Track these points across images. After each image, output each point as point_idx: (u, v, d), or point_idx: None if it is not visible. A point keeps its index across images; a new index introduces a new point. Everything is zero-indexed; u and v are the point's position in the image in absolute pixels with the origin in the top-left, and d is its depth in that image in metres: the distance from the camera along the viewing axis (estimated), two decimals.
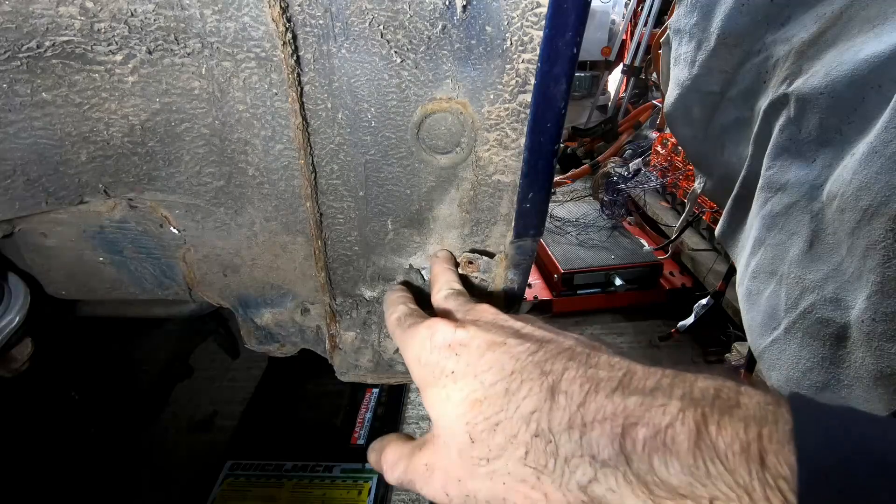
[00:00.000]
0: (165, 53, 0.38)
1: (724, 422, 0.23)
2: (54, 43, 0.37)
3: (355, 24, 0.36)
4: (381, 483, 1.29)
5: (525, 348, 0.31)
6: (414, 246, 0.50)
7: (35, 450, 1.00)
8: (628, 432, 0.24)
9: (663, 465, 0.23)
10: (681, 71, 0.96)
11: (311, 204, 0.45)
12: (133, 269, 0.55)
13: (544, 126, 0.40)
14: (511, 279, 0.50)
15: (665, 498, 0.23)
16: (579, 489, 0.25)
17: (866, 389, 0.60)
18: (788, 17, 0.75)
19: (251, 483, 1.29)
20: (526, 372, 0.29)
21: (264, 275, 0.53)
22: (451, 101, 0.40)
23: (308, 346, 0.59)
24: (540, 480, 0.26)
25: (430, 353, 0.34)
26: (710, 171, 1.05)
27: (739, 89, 0.87)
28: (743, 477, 0.21)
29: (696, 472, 0.22)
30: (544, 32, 0.36)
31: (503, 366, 0.30)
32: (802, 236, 0.70)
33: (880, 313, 0.57)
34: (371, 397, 1.54)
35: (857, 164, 0.59)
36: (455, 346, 0.33)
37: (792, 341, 0.70)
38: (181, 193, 0.47)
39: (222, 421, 1.58)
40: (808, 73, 0.70)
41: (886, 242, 0.55)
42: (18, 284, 0.56)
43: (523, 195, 0.44)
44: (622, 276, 2.11)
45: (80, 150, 0.42)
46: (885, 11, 0.62)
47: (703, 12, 0.88)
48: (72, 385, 1.02)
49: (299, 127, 0.40)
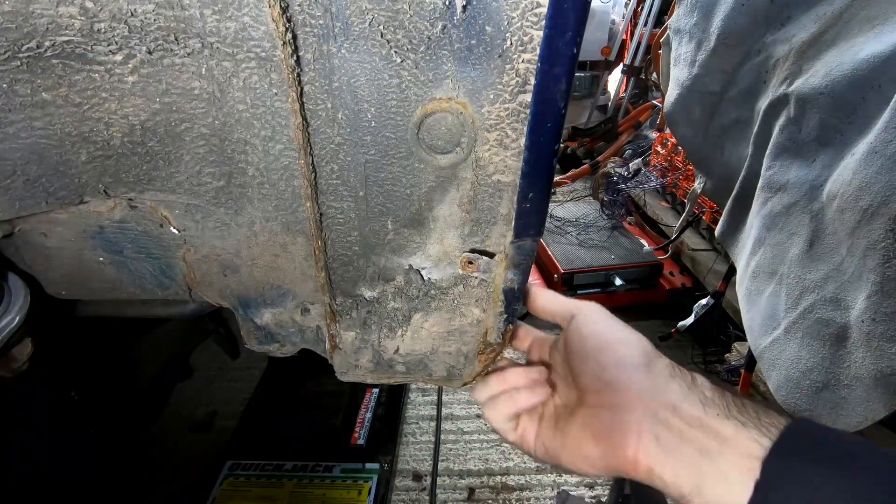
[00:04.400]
0: (165, 53, 0.38)
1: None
2: (54, 43, 0.37)
3: (355, 24, 0.36)
4: (380, 483, 1.29)
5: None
6: (414, 246, 0.50)
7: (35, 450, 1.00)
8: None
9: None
10: (681, 71, 0.96)
11: (311, 204, 0.45)
12: (133, 269, 0.55)
13: (544, 126, 0.40)
14: (511, 279, 0.50)
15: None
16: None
17: (866, 389, 0.60)
18: (788, 17, 0.75)
19: (251, 483, 1.29)
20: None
21: (264, 275, 0.53)
22: (451, 101, 0.40)
23: (308, 346, 0.59)
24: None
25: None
26: (710, 171, 1.05)
27: (739, 89, 0.87)
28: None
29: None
30: (544, 32, 0.36)
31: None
32: (802, 236, 0.70)
33: (880, 313, 0.57)
34: (371, 397, 1.54)
35: (857, 164, 0.59)
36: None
37: (792, 341, 0.70)
38: (181, 193, 0.47)
39: (222, 421, 1.59)
40: (808, 73, 0.70)
41: (886, 242, 0.55)
42: (18, 284, 0.56)
43: (523, 195, 0.44)
44: (622, 276, 2.11)
45: (80, 150, 0.42)
46: (885, 11, 0.62)
47: (703, 12, 0.88)
48: (72, 385, 1.02)
49: (299, 127, 0.40)
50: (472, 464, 1.50)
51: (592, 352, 0.44)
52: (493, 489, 1.43)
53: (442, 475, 1.47)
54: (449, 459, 1.51)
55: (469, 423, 1.63)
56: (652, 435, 0.37)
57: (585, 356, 0.44)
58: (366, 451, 1.38)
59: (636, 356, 0.41)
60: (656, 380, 0.40)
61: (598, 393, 0.42)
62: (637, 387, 0.40)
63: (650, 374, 0.40)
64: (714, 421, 0.36)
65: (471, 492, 1.42)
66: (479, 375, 0.56)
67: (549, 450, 0.45)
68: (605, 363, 0.42)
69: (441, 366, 0.56)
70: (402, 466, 1.49)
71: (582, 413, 0.43)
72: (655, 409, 0.38)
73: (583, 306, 0.47)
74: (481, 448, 1.55)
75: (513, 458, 1.52)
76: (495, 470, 1.48)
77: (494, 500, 1.40)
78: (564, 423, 0.45)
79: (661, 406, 0.38)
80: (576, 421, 0.44)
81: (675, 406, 0.38)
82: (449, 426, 1.62)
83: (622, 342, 0.43)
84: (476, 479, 1.46)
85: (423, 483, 1.45)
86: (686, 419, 0.37)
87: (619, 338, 0.43)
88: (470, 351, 0.55)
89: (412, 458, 1.51)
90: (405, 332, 0.54)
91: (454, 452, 1.54)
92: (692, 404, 0.38)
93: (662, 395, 0.39)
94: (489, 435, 1.59)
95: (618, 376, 0.41)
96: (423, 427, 1.62)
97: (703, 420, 0.36)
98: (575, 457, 0.43)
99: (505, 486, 1.44)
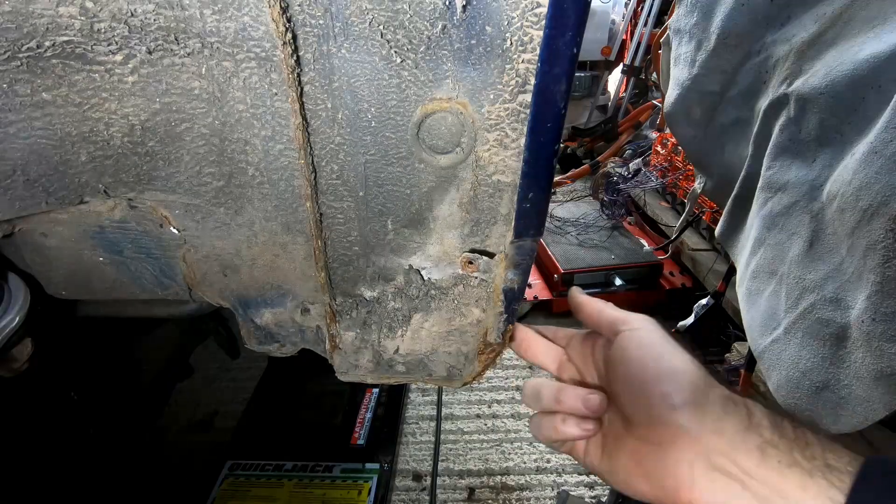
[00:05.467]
0: (165, 53, 0.38)
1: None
2: (54, 43, 0.37)
3: (355, 24, 0.36)
4: (381, 483, 1.29)
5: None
6: (414, 246, 0.50)
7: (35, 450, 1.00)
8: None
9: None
10: (681, 71, 0.96)
11: (311, 204, 0.45)
12: (133, 269, 0.55)
13: (544, 126, 0.40)
14: (511, 279, 0.50)
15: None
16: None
17: (866, 389, 0.60)
18: (788, 17, 0.75)
19: (251, 483, 1.29)
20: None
21: (264, 275, 0.53)
22: (451, 101, 0.40)
23: (308, 346, 0.59)
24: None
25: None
26: (710, 171, 1.05)
27: (739, 89, 0.87)
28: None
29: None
30: (544, 32, 0.36)
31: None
32: (802, 236, 0.70)
33: (880, 313, 0.57)
34: (371, 397, 1.54)
35: (857, 164, 0.59)
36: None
37: (792, 341, 0.70)
38: (181, 193, 0.47)
39: (222, 421, 1.59)
40: (808, 73, 0.70)
41: (886, 242, 0.55)
42: (18, 284, 0.56)
43: (523, 195, 0.44)
44: (622, 276, 2.11)
45: (80, 150, 0.42)
46: (885, 11, 0.62)
47: (703, 12, 0.88)
48: (71, 385, 1.02)
49: (299, 127, 0.40)
50: (472, 464, 1.50)
51: (638, 383, 0.40)
52: (493, 489, 1.43)
53: (442, 475, 1.47)
54: (449, 459, 1.51)
55: (469, 423, 1.63)
56: (707, 481, 0.35)
57: (630, 385, 0.41)
58: (366, 451, 1.38)
59: (686, 392, 0.38)
60: (709, 419, 0.37)
61: (646, 427, 0.39)
62: (687, 426, 0.37)
63: (702, 414, 0.37)
64: (775, 474, 0.33)
65: (471, 492, 1.42)
66: (478, 376, 0.56)
67: (598, 471, 0.44)
68: (652, 399, 0.39)
69: (441, 366, 0.56)
70: (402, 466, 1.49)
71: (630, 444, 0.41)
72: (709, 453, 0.35)
73: (631, 320, 0.43)
74: (481, 448, 1.55)
75: (513, 458, 1.52)
76: (495, 470, 1.48)
77: (494, 500, 1.40)
78: (612, 448, 0.42)
79: (715, 451, 0.35)
80: (624, 450, 0.41)
81: (732, 452, 0.35)
82: (449, 426, 1.62)
83: (671, 376, 0.39)
84: (476, 479, 1.46)
85: (423, 483, 1.45)
86: (745, 468, 0.34)
87: (668, 369, 0.39)
88: (470, 351, 0.55)
89: (412, 458, 1.51)
90: (405, 332, 0.54)
91: (454, 452, 1.54)
92: (750, 450, 0.35)
93: (717, 437, 0.36)
94: (489, 435, 1.59)
95: (666, 416, 0.37)
96: (423, 427, 1.62)
97: (764, 472, 0.34)
98: (626, 487, 0.41)
99: (505, 486, 1.44)
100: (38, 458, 1.00)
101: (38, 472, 1.01)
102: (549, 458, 1.51)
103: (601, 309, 0.46)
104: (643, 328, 0.42)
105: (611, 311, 0.45)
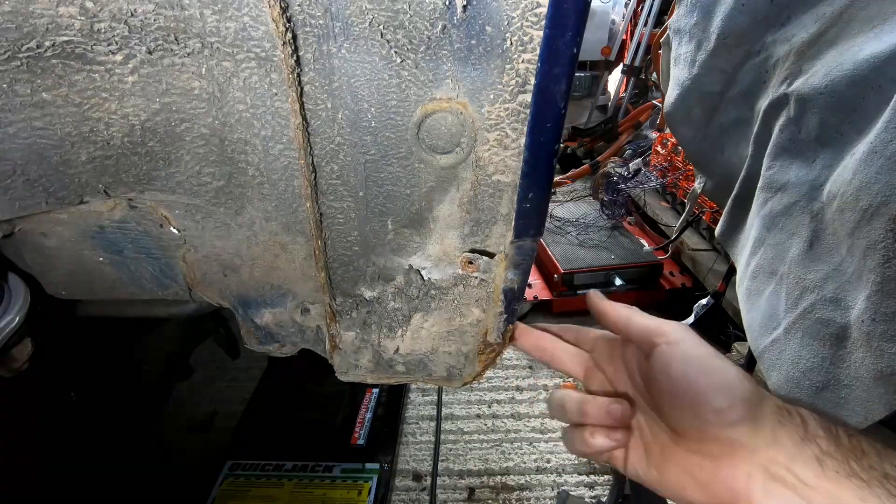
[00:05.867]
0: (165, 53, 0.38)
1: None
2: (54, 43, 0.37)
3: (355, 24, 0.36)
4: (381, 483, 1.29)
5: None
6: (414, 246, 0.50)
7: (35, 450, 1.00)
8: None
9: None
10: (681, 71, 0.96)
11: (311, 204, 0.45)
12: (133, 269, 0.55)
13: (544, 126, 0.40)
14: (511, 279, 0.50)
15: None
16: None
17: (866, 389, 0.60)
18: (788, 17, 0.75)
19: (251, 483, 1.29)
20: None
21: (264, 275, 0.53)
22: (451, 101, 0.40)
23: (308, 346, 0.59)
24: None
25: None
26: (710, 171, 1.05)
27: (739, 89, 0.87)
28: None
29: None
30: (544, 32, 0.36)
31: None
32: (802, 236, 0.70)
33: (880, 313, 0.57)
34: (371, 397, 1.54)
35: (857, 164, 0.59)
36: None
37: (792, 341, 0.70)
38: (181, 193, 0.47)
39: (222, 421, 1.59)
40: (808, 73, 0.70)
41: (886, 242, 0.55)
42: (18, 284, 0.56)
43: (523, 195, 0.44)
44: (622, 276, 2.11)
45: (80, 150, 0.42)
46: (885, 11, 0.62)
47: (703, 12, 0.88)
48: (71, 385, 1.02)
49: (299, 127, 0.40)
50: (472, 464, 1.50)
51: (689, 399, 0.38)
52: (493, 489, 1.43)
53: (442, 475, 1.47)
54: (449, 459, 1.52)
55: (469, 423, 1.63)
56: (765, 491, 0.35)
57: (679, 400, 0.39)
58: (366, 451, 1.38)
59: (741, 408, 0.36)
60: (765, 432, 0.36)
61: (698, 442, 0.38)
62: (744, 441, 0.36)
63: (758, 427, 0.36)
64: (833, 484, 0.33)
65: (471, 492, 1.42)
66: (478, 376, 0.56)
67: (645, 481, 0.43)
68: (705, 415, 0.37)
69: (441, 366, 0.56)
70: (402, 466, 1.49)
71: (680, 456, 0.40)
72: (766, 464, 0.35)
73: (667, 331, 0.41)
74: (481, 448, 1.55)
75: (513, 458, 1.52)
76: (495, 470, 1.48)
77: (494, 500, 1.40)
78: (660, 461, 0.42)
79: (772, 461, 0.35)
80: (674, 462, 0.40)
81: (790, 463, 0.34)
82: (449, 426, 1.62)
83: (722, 391, 0.37)
84: (476, 479, 1.46)
85: (423, 483, 1.45)
86: (803, 479, 0.34)
87: (719, 385, 0.38)
88: (470, 351, 0.55)
89: (412, 458, 1.52)
90: (405, 332, 0.54)
91: (454, 452, 1.54)
92: (807, 461, 0.34)
93: (774, 450, 0.35)
94: (489, 435, 1.59)
95: (722, 432, 0.37)
96: (423, 427, 1.62)
97: (822, 483, 0.33)
98: (679, 498, 0.40)
99: (505, 486, 1.44)
100: (38, 458, 1.00)
101: (38, 472, 1.01)
102: (549, 458, 1.51)
103: (629, 316, 0.44)
104: (682, 340, 0.40)
105: (640, 318, 0.43)
